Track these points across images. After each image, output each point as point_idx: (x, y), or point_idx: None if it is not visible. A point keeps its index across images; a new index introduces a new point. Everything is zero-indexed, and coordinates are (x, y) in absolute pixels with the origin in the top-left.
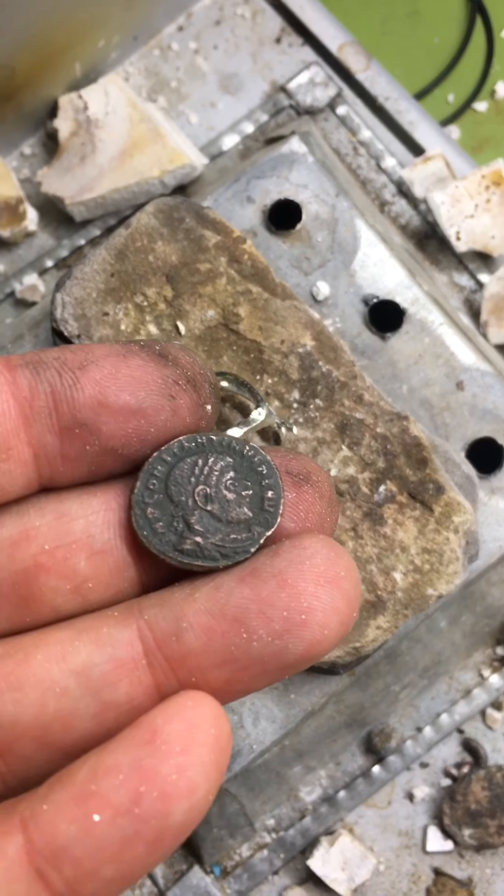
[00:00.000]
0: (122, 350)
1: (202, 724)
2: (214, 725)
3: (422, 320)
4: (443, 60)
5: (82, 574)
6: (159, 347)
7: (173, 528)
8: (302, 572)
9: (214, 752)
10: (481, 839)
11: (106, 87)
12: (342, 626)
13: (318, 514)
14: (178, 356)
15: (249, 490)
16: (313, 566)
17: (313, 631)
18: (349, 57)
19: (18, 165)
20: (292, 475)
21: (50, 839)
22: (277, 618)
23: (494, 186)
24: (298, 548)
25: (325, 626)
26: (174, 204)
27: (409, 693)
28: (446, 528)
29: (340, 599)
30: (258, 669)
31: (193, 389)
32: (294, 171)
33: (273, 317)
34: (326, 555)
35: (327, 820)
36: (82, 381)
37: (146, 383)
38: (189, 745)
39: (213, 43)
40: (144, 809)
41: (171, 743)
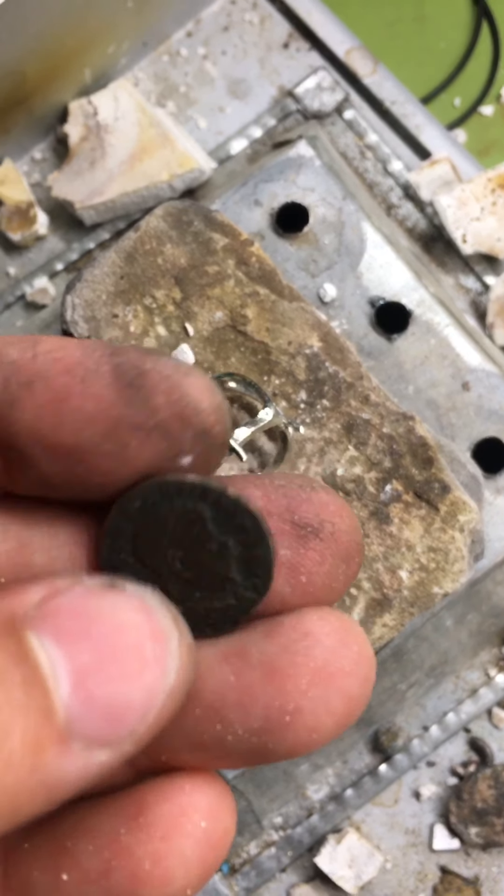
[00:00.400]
0: (88, 367)
1: (193, 814)
2: (208, 818)
3: (428, 322)
4: (449, 65)
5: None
6: (135, 373)
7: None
8: (296, 665)
9: (200, 848)
10: (488, 837)
11: (115, 92)
12: (337, 728)
13: (324, 577)
14: (156, 389)
15: (231, 550)
16: (309, 658)
17: (298, 734)
18: (356, 61)
19: (29, 170)
20: (298, 526)
21: (23, 881)
22: (257, 715)
23: (500, 189)
24: (298, 631)
25: (314, 730)
26: (183, 207)
27: (415, 692)
28: (452, 527)
29: (338, 700)
30: (236, 759)
31: (162, 438)
32: (301, 174)
33: (280, 318)
34: (331, 644)
35: (334, 818)
36: (24, 402)
37: (94, 422)
38: (172, 834)
39: (222, 48)
40: (112, 884)
41: (153, 826)
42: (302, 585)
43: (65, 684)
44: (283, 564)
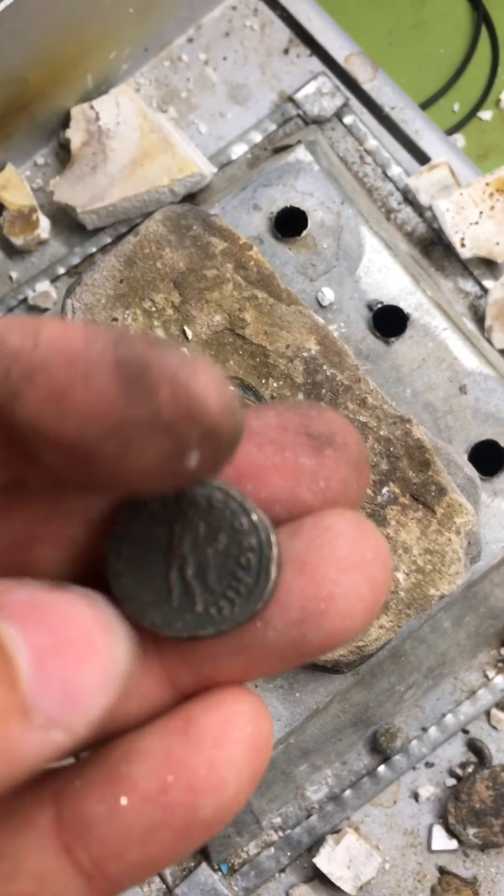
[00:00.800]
0: (90, 360)
1: (239, 721)
2: (252, 723)
3: (425, 325)
4: (448, 70)
5: (79, 544)
6: (140, 367)
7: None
8: (322, 556)
9: (249, 751)
10: (486, 838)
11: (117, 97)
12: (367, 614)
13: (341, 483)
14: (160, 386)
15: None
16: (336, 549)
17: (334, 621)
18: (356, 67)
19: (32, 175)
20: (313, 437)
21: (79, 816)
22: (294, 606)
23: (499, 193)
24: (320, 527)
25: (348, 616)
26: (182, 212)
27: (414, 693)
28: (448, 529)
29: (365, 585)
30: (275, 658)
31: (166, 436)
32: (300, 179)
33: (278, 322)
34: (351, 535)
35: (333, 818)
36: (25, 395)
37: (95, 420)
38: (222, 741)
39: (223, 54)
40: (171, 799)
41: (203, 735)
42: (322, 491)
43: (25, 661)
44: (304, 472)
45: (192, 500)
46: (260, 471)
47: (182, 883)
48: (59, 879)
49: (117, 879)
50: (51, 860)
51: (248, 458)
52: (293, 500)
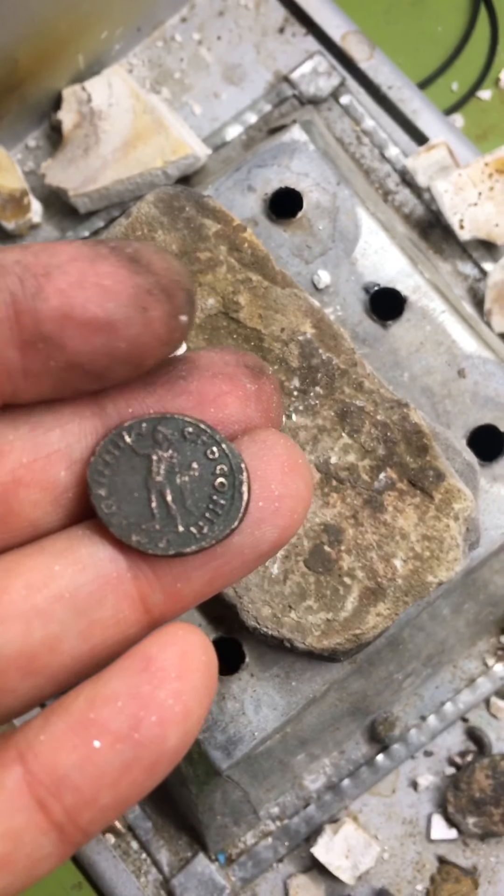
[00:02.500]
0: (89, 253)
1: (194, 652)
2: (205, 652)
3: (423, 308)
4: (447, 49)
5: (63, 485)
6: (131, 250)
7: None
8: (269, 462)
9: (206, 678)
10: (485, 827)
11: (109, 78)
12: (305, 510)
13: (276, 405)
14: (151, 261)
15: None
16: (277, 456)
17: (285, 517)
18: (352, 46)
19: (23, 158)
20: (250, 367)
21: (50, 769)
22: (253, 508)
23: (498, 174)
24: (259, 441)
25: (295, 511)
26: (174, 193)
27: (412, 681)
28: (446, 515)
29: (303, 485)
30: (238, 561)
31: (167, 299)
32: (295, 159)
33: (273, 305)
34: (284, 445)
35: (331, 808)
36: (46, 290)
37: (116, 293)
38: (183, 672)
39: (217, 34)
40: (143, 734)
41: (166, 670)
42: (265, 410)
43: None
44: (250, 395)
45: (165, 432)
46: (217, 397)
47: (179, 873)
48: (33, 837)
49: (89, 827)
50: (23, 819)
51: (206, 387)
52: (244, 419)
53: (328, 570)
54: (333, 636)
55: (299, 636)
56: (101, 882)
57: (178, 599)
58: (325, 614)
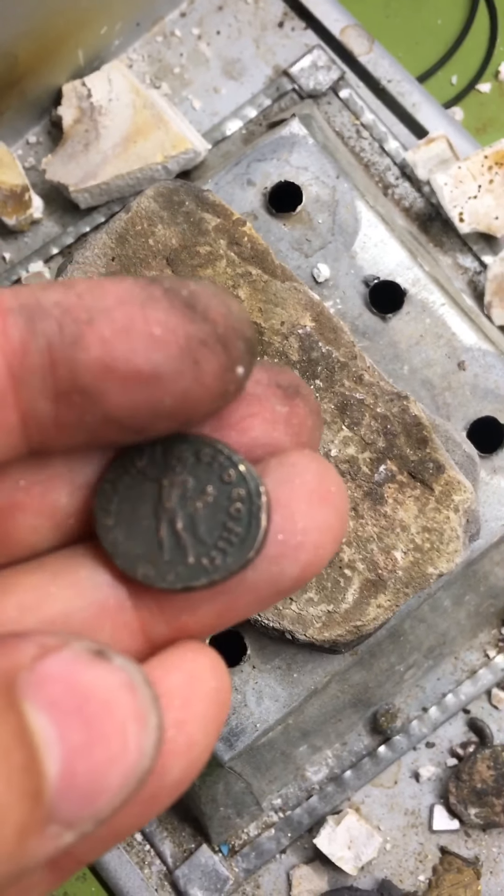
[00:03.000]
0: (140, 295)
1: (202, 676)
2: (214, 677)
3: (423, 301)
4: (446, 42)
5: (64, 510)
6: (187, 293)
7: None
8: (294, 490)
9: (214, 706)
10: (487, 818)
11: (109, 74)
12: (335, 545)
13: (309, 429)
14: (209, 306)
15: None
16: (304, 483)
17: (309, 553)
18: (352, 40)
19: (24, 154)
20: (283, 388)
21: None
22: (273, 541)
23: (498, 167)
24: (287, 465)
25: (321, 546)
26: (174, 187)
27: (414, 673)
28: (446, 507)
29: (334, 517)
30: (251, 597)
31: (223, 350)
32: (294, 153)
33: (273, 298)
34: (316, 470)
35: (334, 799)
36: (87, 338)
37: (166, 344)
38: (189, 699)
39: (216, 28)
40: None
41: (170, 696)
42: (295, 433)
43: (55, 767)
44: (279, 418)
45: (179, 455)
46: (242, 419)
47: (182, 864)
48: (31, 878)
49: (83, 857)
50: None
51: (230, 408)
52: (272, 443)
53: (329, 563)
54: (334, 628)
55: (300, 628)
56: (105, 873)
57: (183, 632)
58: (325, 606)
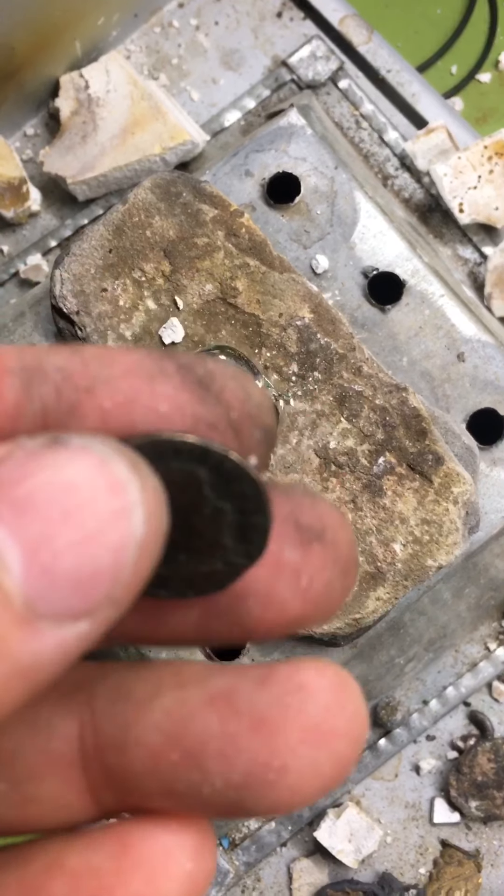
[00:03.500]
0: (150, 368)
1: (178, 855)
2: (193, 859)
3: (422, 292)
4: (445, 32)
5: None
6: (203, 371)
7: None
8: (286, 718)
9: (183, 891)
10: (488, 811)
11: (107, 65)
12: (322, 790)
13: (324, 584)
14: (225, 387)
15: (227, 515)
16: (303, 713)
17: (280, 793)
18: (351, 30)
19: (21, 146)
20: (301, 528)
21: None
22: (239, 769)
23: (497, 157)
24: (292, 682)
25: (298, 791)
26: (171, 178)
27: (414, 666)
28: (446, 499)
29: (327, 761)
30: (209, 811)
31: (234, 436)
32: (293, 144)
33: (271, 290)
34: (325, 701)
35: (334, 792)
36: (85, 407)
37: (171, 422)
38: (157, 876)
39: (214, 19)
40: None
41: (137, 867)
42: (303, 591)
43: (16, 564)
44: (286, 566)
45: (198, 454)
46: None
47: None
48: None
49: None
50: None
51: None
52: (269, 596)
53: None
54: (333, 620)
55: None
56: None
57: (132, 809)
58: None
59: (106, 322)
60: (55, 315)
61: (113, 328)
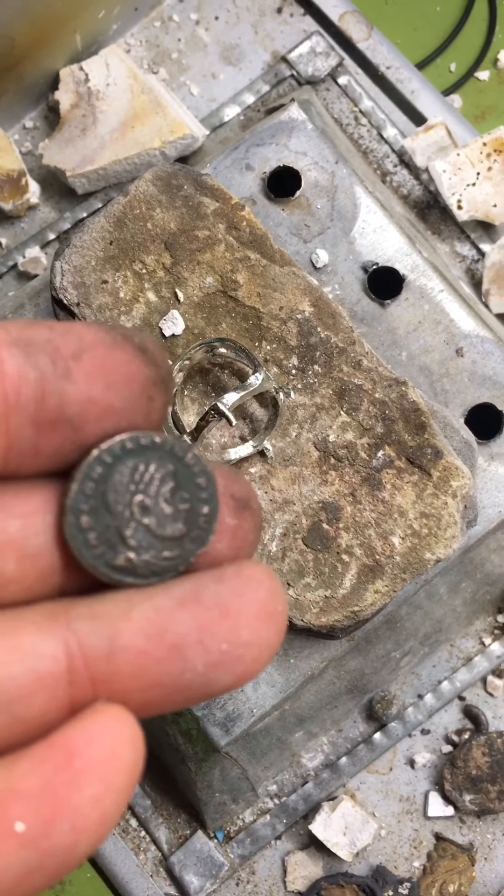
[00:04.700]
0: (108, 338)
1: (122, 748)
2: (133, 748)
3: (421, 287)
4: (445, 29)
5: (8, 576)
6: (139, 340)
7: (106, 540)
8: (246, 603)
9: (129, 779)
10: (482, 804)
11: (107, 58)
12: (268, 662)
13: (252, 543)
14: (155, 353)
15: (186, 504)
16: (258, 598)
17: (246, 665)
18: (350, 26)
19: (21, 138)
20: (235, 499)
21: None
22: (216, 650)
23: (496, 154)
24: (243, 576)
25: (257, 661)
26: (172, 171)
27: (409, 660)
28: (444, 493)
29: (275, 635)
30: (181, 696)
31: (166, 391)
32: (293, 138)
33: (272, 283)
34: (269, 587)
35: (329, 785)
36: (75, 372)
37: (133, 382)
38: (107, 773)
39: (215, 14)
40: (53, 843)
41: (89, 770)
42: (237, 547)
43: None
44: (227, 529)
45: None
46: None
47: (178, 850)
48: None
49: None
50: None
51: None
52: (212, 553)
53: (326, 548)
54: (332, 613)
55: (298, 613)
56: (100, 859)
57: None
58: (323, 591)
59: (106, 314)
60: (55, 306)
61: (113, 320)
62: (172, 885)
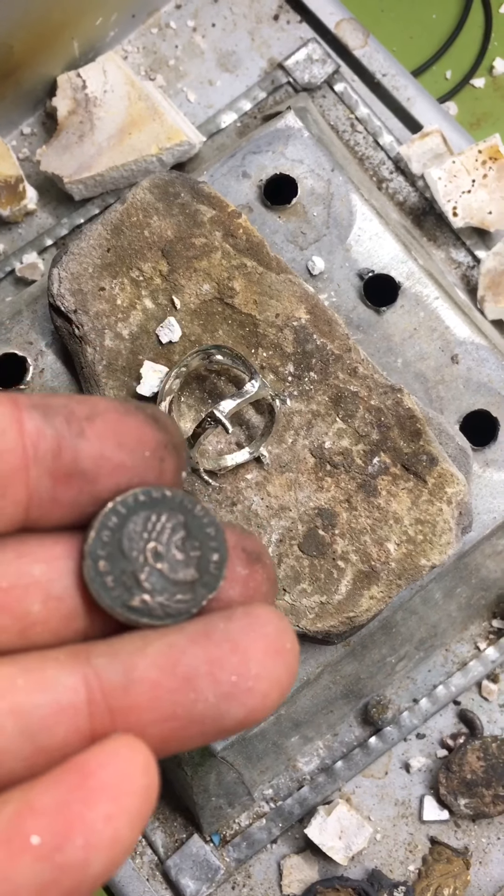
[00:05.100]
0: (120, 408)
1: (134, 773)
2: (146, 774)
3: (417, 294)
4: (441, 37)
5: (34, 617)
6: (150, 411)
7: (122, 582)
8: (254, 640)
9: (143, 802)
10: (477, 809)
11: (104, 65)
12: (280, 698)
13: (264, 594)
14: (166, 422)
15: (197, 551)
16: (265, 635)
17: (256, 699)
18: (347, 33)
19: (18, 145)
20: (246, 552)
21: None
22: (226, 682)
23: (491, 161)
24: (251, 616)
25: (267, 696)
26: (169, 179)
27: (405, 665)
28: (439, 499)
29: (285, 672)
30: (196, 730)
31: (177, 455)
32: (290, 146)
33: (268, 291)
34: (277, 625)
35: (325, 790)
36: (88, 431)
37: (144, 444)
38: (119, 794)
39: (212, 21)
40: (66, 857)
41: (101, 789)
42: (248, 595)
43: None
44: (238, 578)
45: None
46: None
47: (174, 854)
48: None
49: None
50: None
51: None
52: (225, 599)
53: (322, 554)
54: (327, 619)
55: (293, 619)
56: None
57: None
58: (319, 597)
59: (103, 321)
60: (52, 313)
61: (110, 327)
62: (169, 889)
